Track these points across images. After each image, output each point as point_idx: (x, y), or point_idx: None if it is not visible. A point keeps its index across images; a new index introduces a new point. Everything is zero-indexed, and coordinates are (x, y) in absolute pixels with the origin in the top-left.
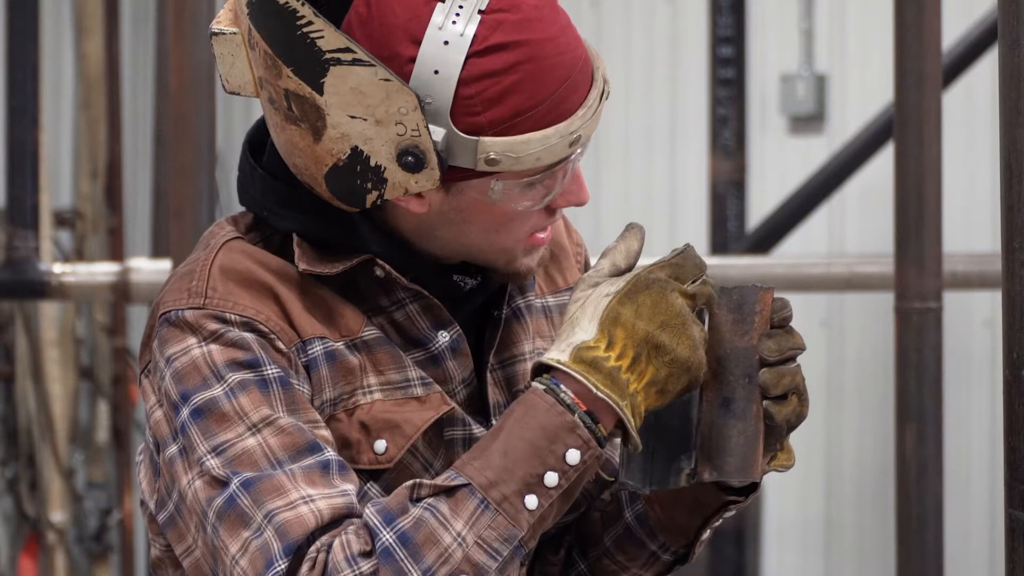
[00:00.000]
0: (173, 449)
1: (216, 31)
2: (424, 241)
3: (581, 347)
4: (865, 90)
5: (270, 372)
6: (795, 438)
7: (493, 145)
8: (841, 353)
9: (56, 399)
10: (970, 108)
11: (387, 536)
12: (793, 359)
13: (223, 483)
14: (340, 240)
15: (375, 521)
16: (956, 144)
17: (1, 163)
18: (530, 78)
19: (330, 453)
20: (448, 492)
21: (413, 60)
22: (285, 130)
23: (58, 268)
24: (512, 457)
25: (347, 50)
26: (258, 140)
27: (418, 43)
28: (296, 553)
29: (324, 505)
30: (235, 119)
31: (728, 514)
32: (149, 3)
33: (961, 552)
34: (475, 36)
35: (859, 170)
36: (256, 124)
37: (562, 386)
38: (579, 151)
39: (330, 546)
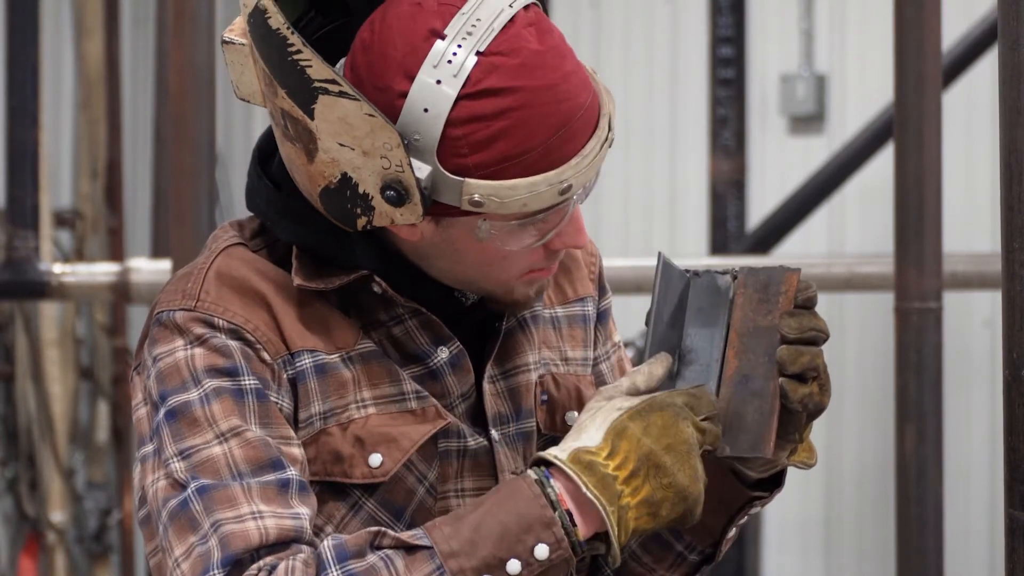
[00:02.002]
0: (148, 448)
1: (227, 40)
2: (423, 264)
3: (581, 450)
4: (865, 90)
5: (248, 383)
6: None
7: (478, 187)
8: (841, 353)
9: (56, 399)
10: (970, 108)
11: (334, 573)
12: (815, 342)
13: (182, 486)
14: (338, 255)
15: (328, 556)
16: (956, 144)
17: (1, 163)
18: (520, 125)
19: (292, 472)
20: (409, 549)
21: (404, 96)
22: (284, 146)
23: (58, 268)
24: (482, 534)
25: (333, 82)
26: (268, 149)
27: (412, 79)
28: (235, 566)
29: (272, 524)
30: (235, 119)
31: (753, 511)
32: (149, 3)
33: (961, 552)
34: (468, 78)
35: (859, 170)
36: (266, 132)
37: (552, 480)
38: (575, 197)
39: (273, 568)
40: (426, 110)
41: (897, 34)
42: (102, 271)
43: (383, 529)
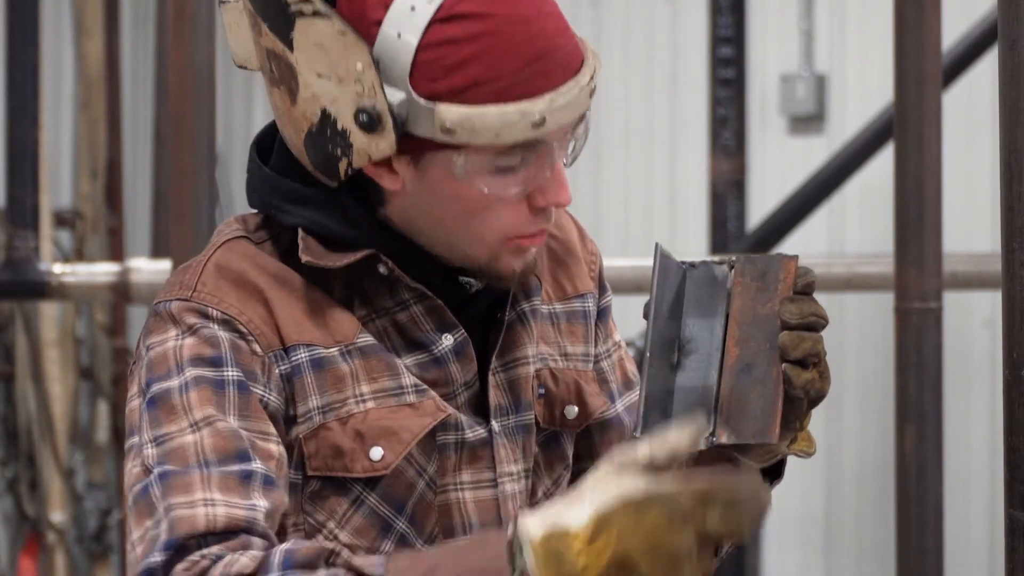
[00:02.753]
0: (134, 438)
1: (224, 0)
2: (413, 232)
3: (559, 533)
4: (865, 90)
5: (230, 374)
6: None
7: (449, 113)
8: (841, 353)
9: (56, 399)
10: (970, 108)
11: None
12: (815, 327)
13: (148, 472)
14: (345, 236)
15: (276, 559)
16: (956, 144)
17: (1, 163)
18: (490, 50)
19: (258, 464)
20: (360, 574)
21: (379, 23)
22: (272, 95)
23: (58, 268)
24: None
25: (307, 1)
26: (266, 143)
27: (387, 7)
28: (178, 551)
29: (222, 512)
30: (235, 119)
31: None
32: (149, 3)
33: (961, 552)
34: (442, 4)
35: (859, 170)
36: (264, 129)
37: (527, 554)
38: (555, 148)
39: (218, 558)
40: (399, 35)
41: (897, 34)
42: (102, 271)
43: (341, 548)
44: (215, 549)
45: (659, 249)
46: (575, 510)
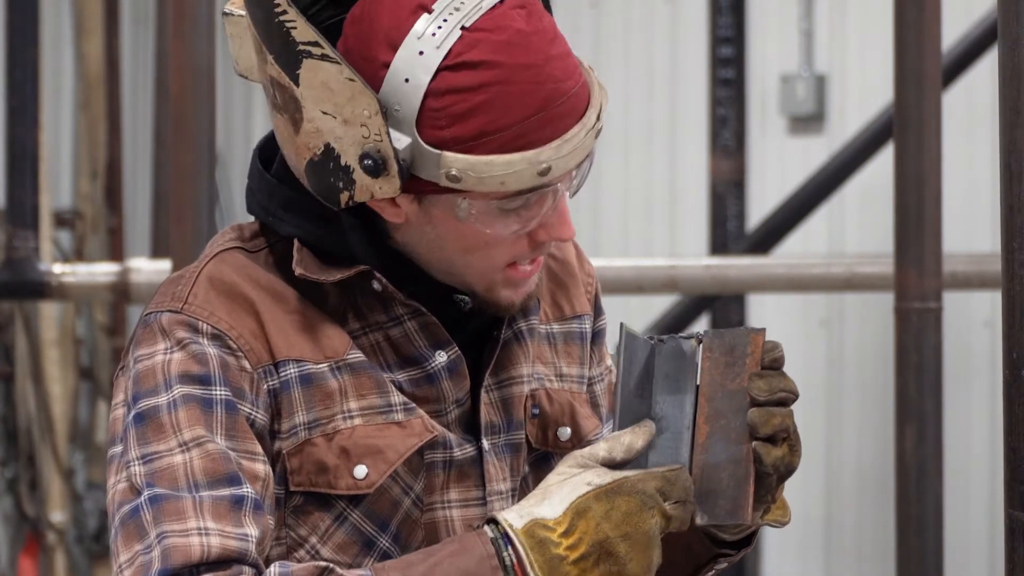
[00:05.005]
0: (117, 448)
1: (227, 12)
2: (413, 255)
3: (539, 522)
4: (865, 90)
5: (219, 393)
6: None
7: (455, 161)
8: (841, 353)
9: (56, 399)
10: (970, 108)
11: None
12: (784, 403)
13: (137, 492)
14: (340, 250)
15: None
16: (956, 144)
17: (1, 163)
18: (498, 100)
19: (248, 489)
20: None
21: (387, 66)
22: (274, 118)
23: (58, 268)
24: None
25: (316, 44)
26: (269, 150)
27: (395, 49)
28: None
29: (216, 542)
30: (235, 119)
31: (719, 567)
32: (149, 3)
33: (961, 552)
34: (450, 51)
35: (859, 170)
36: (267, 136)
37: (509, 548)
38: (559, 187)
39: None
40: (407, 80)
41: (897, 34)
42: (102, 271)
43: (332, 566)
44: None
45: (624, 329)
46: (547, 504)
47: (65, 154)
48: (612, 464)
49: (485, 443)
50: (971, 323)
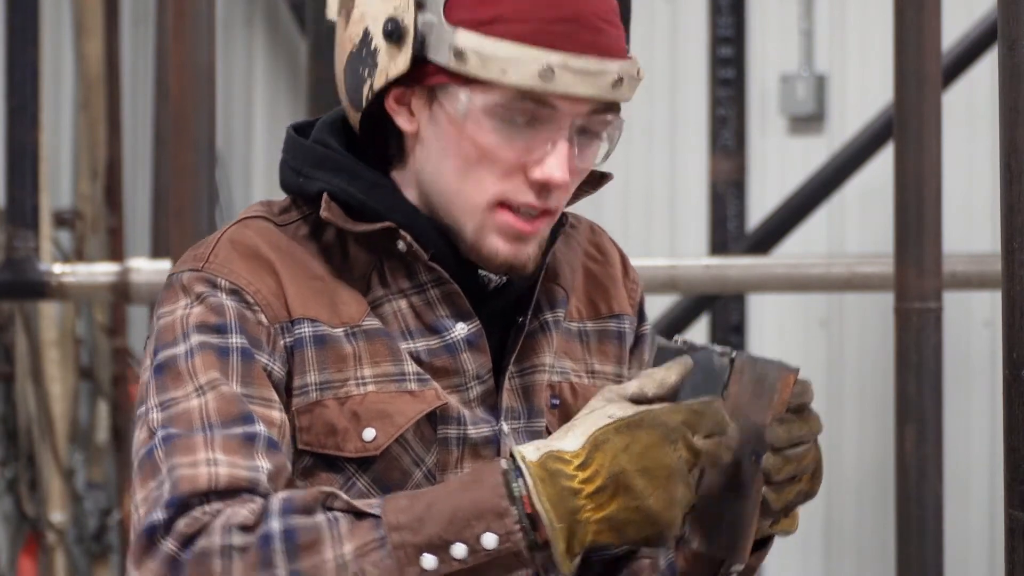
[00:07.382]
0: (141, 407)
1: None
2: (425, 199)
3: (554, 454)
4: (865, 90)
5: (235, 341)
6: None
7: (465, 39)
8: (841, 353)
9: (56, 399)
10: (970, 108)
11: (276, 523)
12: (803, 442)
13: (153, 435)
14: (367, 204)
15: (274, 506)
16: (956, 144)
17: (1, 163)
18: None
19: (260, 427)
20: (358, 515)
21: None
22: (337, 28)
23: (58, 268)
24: (432, 513)
25: None
26: (301, 129)
27: None
28: (179, 508)
29: (225, 472)
30: (235, 119)
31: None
32: (149, 3)
33: (961, 552)
34: None
35: (859, 170)
36: (302, 120)
37: (521, 480)
38: (568, 123)
39: (218, 512)
40: None
41: (897, 34)
42: (102, 271)
43: (337, 491)
44: (218, 505)
45: (654, 336)
46: (570, 436)
47: (65, 154)
48: (643, 400)
49: (504, 426)
50: (971, 323)
